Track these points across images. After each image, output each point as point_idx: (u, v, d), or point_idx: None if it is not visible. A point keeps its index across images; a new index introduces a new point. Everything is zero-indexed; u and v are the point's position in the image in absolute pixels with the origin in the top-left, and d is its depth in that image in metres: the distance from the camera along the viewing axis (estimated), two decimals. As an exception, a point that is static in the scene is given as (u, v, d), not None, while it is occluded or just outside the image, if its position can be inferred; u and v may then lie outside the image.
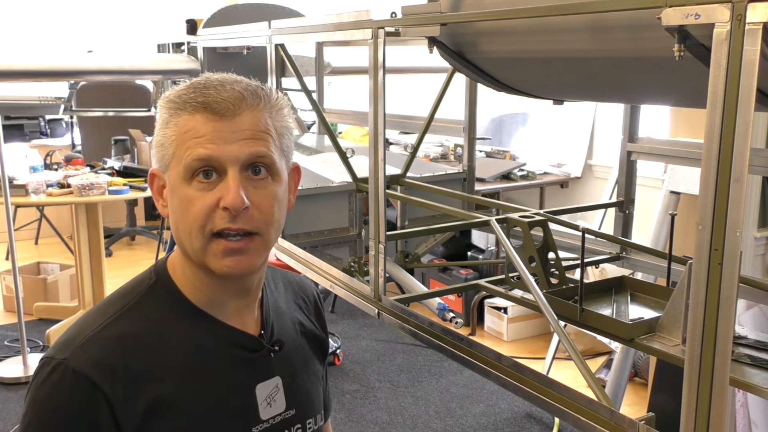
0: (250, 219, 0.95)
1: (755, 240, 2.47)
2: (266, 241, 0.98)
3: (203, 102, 0.94)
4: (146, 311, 1.00)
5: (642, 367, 3.47)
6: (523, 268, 1.49)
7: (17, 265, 3.63)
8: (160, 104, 0.99)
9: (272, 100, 0.99)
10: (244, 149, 0.94)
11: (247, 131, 0.95)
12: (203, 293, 1.02)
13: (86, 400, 0.92)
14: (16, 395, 3.44)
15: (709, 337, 0.94)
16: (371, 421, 3.21)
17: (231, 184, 0.93)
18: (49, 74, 3.35)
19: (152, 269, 1.05)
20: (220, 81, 0.97)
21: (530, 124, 5.07)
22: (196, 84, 0.97)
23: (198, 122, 0.94)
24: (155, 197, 1.03)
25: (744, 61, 0.86)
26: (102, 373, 0.92)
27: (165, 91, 4.19)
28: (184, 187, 0.95)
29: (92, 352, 0.94)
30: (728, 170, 0.89)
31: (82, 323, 0.99)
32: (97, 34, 6.03)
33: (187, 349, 0.99)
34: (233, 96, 0.95)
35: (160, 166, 0.99)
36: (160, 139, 0.98)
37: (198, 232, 0.95)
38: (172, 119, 0.96)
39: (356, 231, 2.35)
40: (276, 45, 2.33)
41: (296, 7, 3.42)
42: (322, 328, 1.24)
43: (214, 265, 0.96)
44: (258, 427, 1.04)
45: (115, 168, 4.07)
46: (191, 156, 0.93)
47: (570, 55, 1.34)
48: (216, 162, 0.93)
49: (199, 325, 1.01)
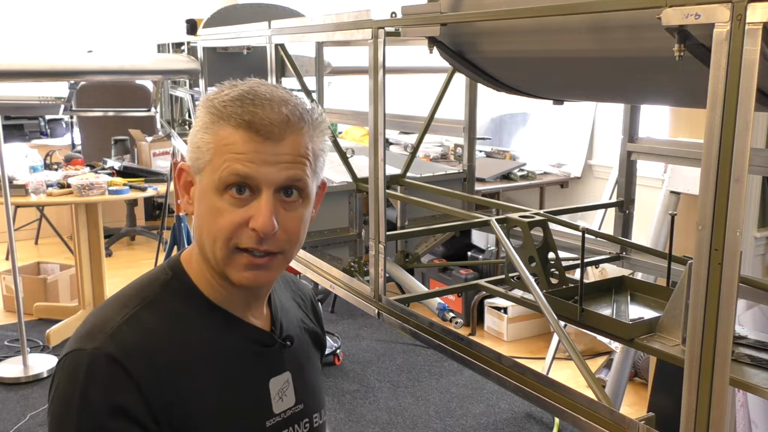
0: (276, 241, 0.96)
1: (755, 240, 2.46)
2: (288, 258, 1.00)
3: (249, 121, 0.92)
4: (165, 305, 1.01)
5: (642, 367, 3.47)
6: (523, 268, 1.49)
7: (17, 265, 3.63)
8: (202, 104, 0.98)
9: (315, 122, 0.98)
10: (282, 173, 0.94)
11: (288, 156, 0.94)
12: (217, 291, 1.03)
13: (120, 386, 0.91)
14: (16, 395, 3.44)
15: (709, 337, 0.94)
16: (371, 421, 3.21)
17: (263, 207, 0.93)
18: (49, 74, 3.35)
19: (166, 265, 1.06)
20: (268, 99, 0.95)
21: (530, 124, 5.07)
22: (244, 97, 0.94)
23: (240, 138, 0.93)
24: (180, 192, 1.03)
25: (744, 61, 0.86)
26: (133, 360, 0.92)
27: (164, 90, 4.19)
28: (216, 198, 0.95)
29: (122, 339, 0.94)
30: (728, 170, 0.89)
31: (100, 316, 0.99)
32: (97, 34, 6.03)
33: (207, 344, 1.00)
34: (280, 119, 0.93)
35: (192, 166, 0.99)
36: (197, 141, 0.97)
37: (223, 244, 0.95)
38: (212, 126, 0.95)
39: (356, 231, 2.35)
40: (276, 45, 2.33)
41: (296, 7, 3.41)
42: (319, 325, 1.27)
43: (234, 276, 0.97)
44: (271, 420, 1.06)
45: (115, 168, 4.07)
46: (229, 170, 0.93)
47: (570, 55, 1.34)
48: (252, 181, 0.93)
49: (216, 320, 1.03)
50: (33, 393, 3.47)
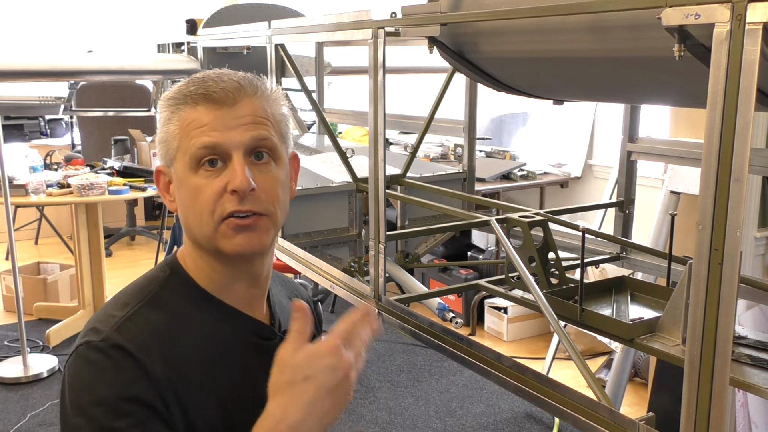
0: (257, 200, 0.98)
1: (755, 240, 2.47)
2: (274, 221, 1.02)
3: (204, 93, 0.98)
4: (166, 303, 1.02)
5: (642, 367, 3.47)
6: (523, 268, 1.49)
7: (17, 265, 3.63)
8: (161, 104, 1.02)
9: (267, 91, 1.03)
10: (246, 133, 0.98)
11: (248, 117, 0.99)
12: (216, 282, 1.04)
13: (133, 373, 0.92)
14: (16, 395, 3.44)
15: (709, 337, 0.94)
16: (371, 421, 3.21)
17: (237, 167, 0.97)
18: (49, 74, 3.35)
19: (164, 264, 1.07)
20: (217, 74, 1.01)
21: (530, 124, 5.07)
22: (195, 78, 1.01)
23: (200, 113, 0.98)
24: (162, 194, 1.06)
25: (744, 61, 0.86)
26: (143, 351, 0.94)
27: (165, 91, 4.19)
28: (191, 177, 0.98)
29: (129, 333, 0.95)
30: (728, 170, 0.89)
31: (103, 316, 1.00)
32: (97, 34, 6.03)
33: (209, 338, 1.01)
34: (231, 86, 0.99)
35: (165, 162, 1.02)
36: (164, 135, 1.01)
37: (208, 218, 0.98)
38: (174, 115, 1.00)
39: (356, 231, 2.35)
40: (276, 45, 2.33)
41: (296, 7, 3.42)
42: (318, 330, 1.27)
43: (226, 246, 0.99)
44: None
45: (115, 168, 4.07)
46: (196, 144, 0.97)
47: (570, 55, 1.34)
48: (220, 149, 0.97)
49: (217, 314, 1.04)
50: (33, 393, 3.47)
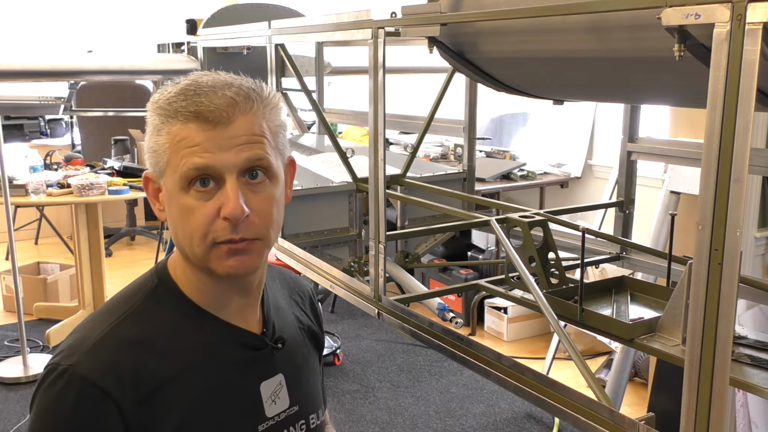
0: (250, 226, 0.94)
1: (755, 240, 2.47)
2: (267, 242, 0.98)
3: (195, 111, 0.91)
4: (151, 314, 1.00)
5: (642, 367, 3.47)
6: (523, 268, 1.49)
7: (17, 265, 3.63)
8: (150, 108, 0.96)
9: (265, 100, 0.96)
10: (240, 155, 0.92)
11: (243, 137, 0.93)
12: (205, 294, 1.01)
13: (93, 408, 0.91)
14: (16, 395, 3.44)
15: (709, 337, 0.94)
16: (371, 421, 3.21)
17: (230, 192, 0.91)
18: (49, 74, 3.35)
19: (153, 272, 1.05)
20: (211, 86, 0.94)
21: (530, 124, 5.07)
22: (186, 90, 0.93)
23: (191, 131, 0.91)
24: (151, 200, 1.02)
25: (744, 61, 0.86)
26: (111, 379, 0.92)
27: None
28: (182, 196, 0.93)
29: (100, 357, 0.93)
30: (728, 170, 0.89)
31: (86, 327, 0.99)
32: (97, 34, 6.03)
33: (193, 350, 0.99)
34: (225, 103, 0.92)
35: (154, 171, 0.98)
36: (153, 145, 0.95)
37: (200, 241, 0.94)
38: (164, 127, 0.94)
39: (356, 231, 2.35)
40: (276, 45, 2.33)
41: (296, 7, 3.42)
42: (318, 323, 1.25)
43: (217, 268, 0.96)
44: (264, 425, 1.04)
45: (115, 168, 4.07)
46: (187, 165, 0.91)
47: (570, 55, 1.34)
48: (213, 170, 0.92)
49: (203, 326, 1.01)
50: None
